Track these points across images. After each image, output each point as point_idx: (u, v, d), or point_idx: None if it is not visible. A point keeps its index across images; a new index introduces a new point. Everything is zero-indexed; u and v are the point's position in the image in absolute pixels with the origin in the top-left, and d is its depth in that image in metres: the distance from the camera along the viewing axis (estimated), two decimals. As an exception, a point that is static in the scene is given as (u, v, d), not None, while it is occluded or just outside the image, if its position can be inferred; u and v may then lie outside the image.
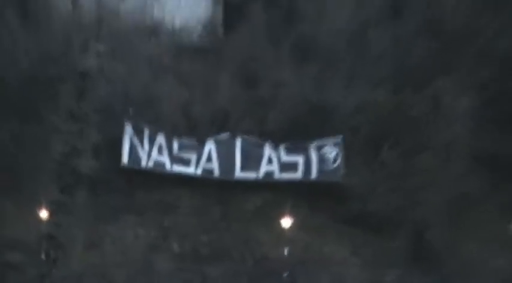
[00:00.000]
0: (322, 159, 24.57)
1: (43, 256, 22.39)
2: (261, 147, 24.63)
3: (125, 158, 23.77)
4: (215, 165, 24.72)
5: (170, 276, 22.53)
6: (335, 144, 24.28)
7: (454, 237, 23.48)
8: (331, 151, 24.45)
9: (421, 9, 24.76)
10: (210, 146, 24.70)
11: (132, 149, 24.15)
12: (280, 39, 25.29)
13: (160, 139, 24.42)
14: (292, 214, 22.98)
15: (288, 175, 24.33)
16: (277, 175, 24.44)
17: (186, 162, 24.66)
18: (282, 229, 22.96)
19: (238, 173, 24.59)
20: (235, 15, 27.06)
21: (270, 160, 24.60)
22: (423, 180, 23.76)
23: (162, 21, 27.15)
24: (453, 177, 23.77)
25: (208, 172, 24.42)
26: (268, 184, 24.30)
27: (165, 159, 24.57)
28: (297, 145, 24.49)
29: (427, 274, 22.67)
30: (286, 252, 23.01)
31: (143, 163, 24.10)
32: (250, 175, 24.41)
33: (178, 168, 24.44)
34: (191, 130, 24.79)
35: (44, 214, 22.51)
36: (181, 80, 25.09)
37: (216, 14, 28.40)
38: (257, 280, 23.02)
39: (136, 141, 24.35)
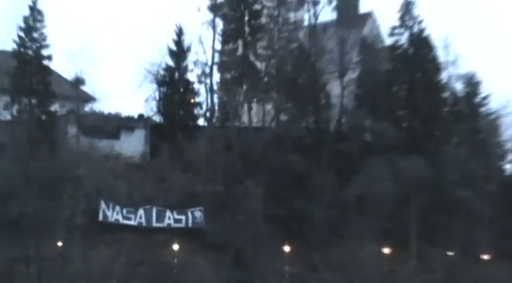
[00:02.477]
0: (194, 217, 36.87)
1: (59, 263, 34.00)
2: (165, 212, 36.83)
3: (100, 217, 35.97)
4: (143, 220, 36.61)
5: (122, 273, 33.65)
6: (200, 210, 36.87)
7: (257, 254, 36.00)
8: (199, 213, 36.91)
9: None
10: (141, 211, 36.63)
11: (103, 213, 36.10)
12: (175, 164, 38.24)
13: (117, 208, 36.24)
14: (180, 243, 35.57)
15: (178, 225, 36.79)
16: (173, 225, 36.81)
17: (129, 219, 36.60)
18: (174, 251, 35.63)
19: (154, 224, 36.75)
20: (155, 150, 40.21)
21: (169, 218, 36.75)
22: (242, 227, 36.26)
23: (120, 152, 39.58)
24: (256, 226, 36.49)
25: (140, 223, 36.50)
26: (168, 228, 36.88)
27: (119, 217, 36.44)
28: (182, 211, 36.83)
29: (244, 272, 35.57)
30: (176, 261, 35.59)
31: (109, 219, 36.15)
32: (160, 225, 36.72)
33: (126, 222, 36.54)
34: (132, 204, 37.01)
35: (59, 244, 34.53)
36: (128, 181, 37.79)
37: (146, 148, 41.47)
38: (163, 274, 34.87)
39: (105, 209, 36.14)
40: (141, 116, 43.74)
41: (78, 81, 41.23)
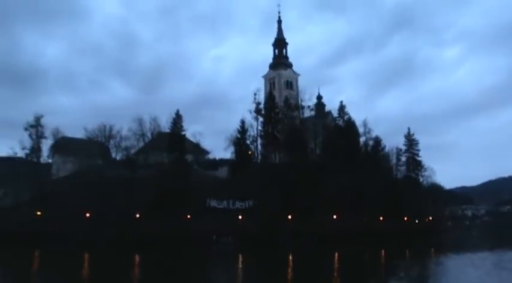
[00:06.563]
0: (249, 204, 52.88)
1: (186, 227, 46.14)
2: (235, 201, 53.94)
3: (207, 204, 52.75)
4: (226, 205, 53.43)
5: (217, 231, 47.66)
6: (251, 200, 53.10)
7: (276, 220, 49.52)
8: (251, 202, 52.79)
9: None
10: (225, 201, 53.51)
11: (208, 202, 52.70)
12: (241, 181, 50.71)
13: (214, 200, 53.44)
14: (242, 216, 50.26)
15: (242, 208, 53.02)
16: (239, 208, 53.31)
17: (220, 205, 53.30)
18: (239, 219, 50.55)
19: (231, 207, 53.54)
20: (232, 175, 55.48)
21: (237, 204, 53.32)
22: (270, 208, 49.99)
23: (216, 176, 56.13)
24: (276, 207, 49.59)
25: (225, 207, 53.19)
26: (237, 209, 52.42)
27: (216, 204, 53.20)
28: (243, 201, 53.80)
29: (269, 228, 48.20)
30: (240, 223, 49.34)
31: (211, 205, 52.66)
32: (234, 207, 53.23)
33: (219, 206, 53.14)
34: (221, 198, 52.63)
35: (188, 216, 48.21)
36: (219, 188, 52.56)
37: (229, 174, 57.05)
38: (235, 229, 49.07)
39: (209, 201, 53.13)
40: (227, 160, 59.88)
41: (198, 144, 58.16)
